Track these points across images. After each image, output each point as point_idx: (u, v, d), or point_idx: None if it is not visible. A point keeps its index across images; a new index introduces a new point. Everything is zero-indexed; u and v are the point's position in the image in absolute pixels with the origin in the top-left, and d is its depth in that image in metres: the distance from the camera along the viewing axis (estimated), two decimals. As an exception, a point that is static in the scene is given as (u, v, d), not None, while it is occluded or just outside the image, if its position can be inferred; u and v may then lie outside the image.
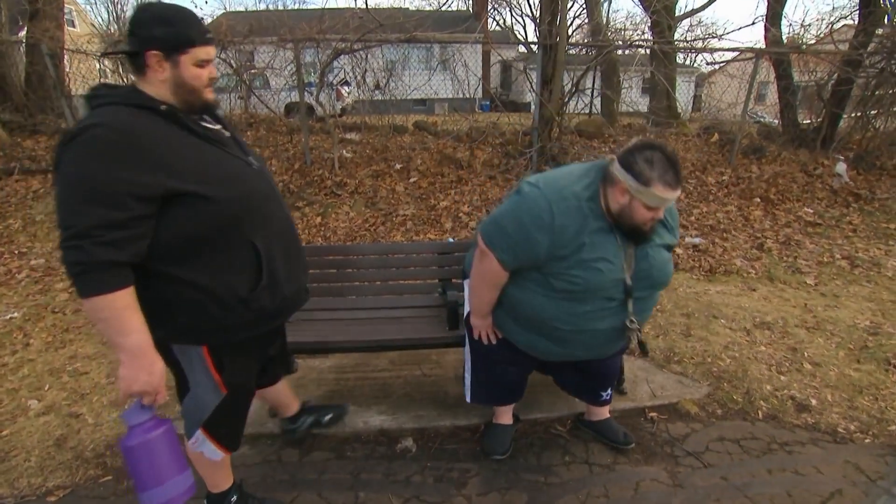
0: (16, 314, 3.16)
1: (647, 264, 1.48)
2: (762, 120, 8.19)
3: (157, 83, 1.17)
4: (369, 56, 5.46)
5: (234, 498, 1.59)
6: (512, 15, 20.08)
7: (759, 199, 5.50)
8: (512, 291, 1.58)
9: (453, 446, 2.05)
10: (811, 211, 5.34)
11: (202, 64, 1.19)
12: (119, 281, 1.07)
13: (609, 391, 1.97)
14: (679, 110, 8.19)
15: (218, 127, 1.29)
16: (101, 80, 5.59)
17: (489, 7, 17.75)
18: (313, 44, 5.18)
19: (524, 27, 19.99)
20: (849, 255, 4.25)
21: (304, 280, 1.46)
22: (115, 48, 4.96)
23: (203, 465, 1.50)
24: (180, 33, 1.15)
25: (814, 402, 2.29)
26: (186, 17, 1.18)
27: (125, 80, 5.67)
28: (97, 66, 5.60)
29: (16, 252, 4.23)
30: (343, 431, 2.13)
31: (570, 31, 6.68)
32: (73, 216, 1.04)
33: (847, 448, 2.02)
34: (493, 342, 1.76)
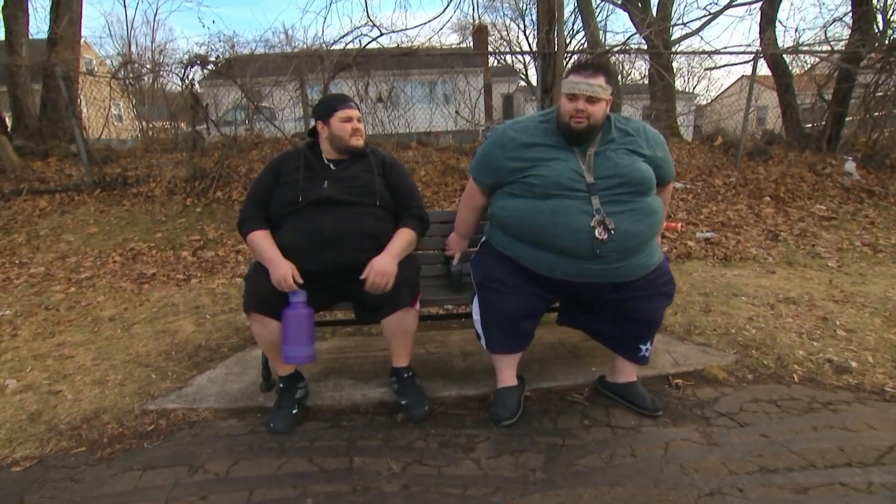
0: (7, 311, 3.06)
1: (611, 163, 1.63)
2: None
3: (323, 140, 1.92)
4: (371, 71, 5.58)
5: (282, 385, 1.90)
6: (512, 54, 20.83)
7: (768, 198, 5.39)
8: (498, 208, 1.77)
9: (460, 412, 1.88)
10: (824, 207, 5.21)
11: (345, 120, 1.86)
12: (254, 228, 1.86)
13: (648, 345, 1.82)
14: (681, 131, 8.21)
15: (332, 167, 1.90)
16: (111, 101, 5.75)
17: (489, 46, 18.53)
18: (317, 60, 5.30)
19: (525, 65, 20.66)
20: (870, 243, 4.08)
21: (331, 262, 1.79)
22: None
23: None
24: (328, 105, 1.90)
25: (854, 364, 2.09)
26: (333, 97, 2.02)
27: (132, 100, 5.85)
28: (108, 90, 5.77)
29: (17, 262, 4.19)
30: (339, 404, 1.96)
31: (567, 41, 6.83)
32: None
33: (899, 405, 1.82)
34: (455, 261, 2.06)
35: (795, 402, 1.85)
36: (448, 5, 8.44)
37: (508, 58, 20.70)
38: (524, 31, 20.37)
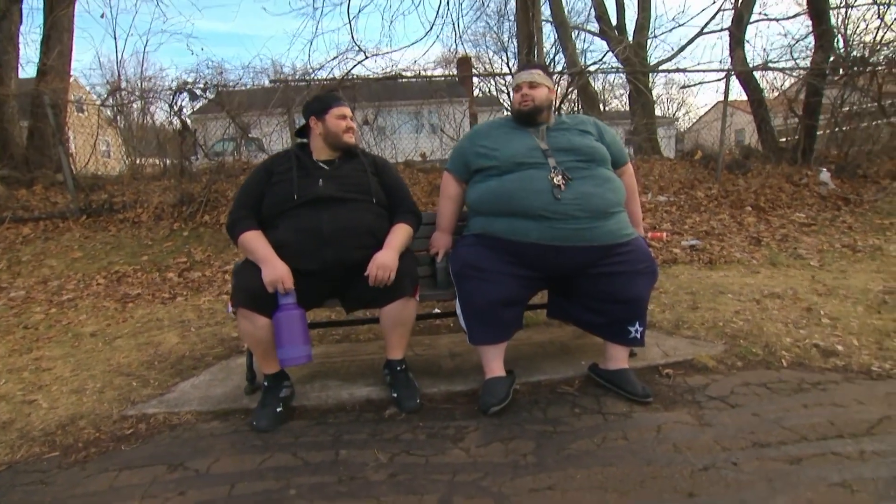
0: (-16, 332, 2.97)
1: (564, 139, 1.86)
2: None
3: (315, 137, 1.95)
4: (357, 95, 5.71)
5: (267, 383, 1.84)
6: (496, 84, 21.51)
7: (750, 208, 5.52)
8: (472, 192, 1.94)
9: (448, 406, 1.84)
10: (803, 215, 5.33)
11: (340, 117, 1.91)
12: (246, 228, 1.81)
13: (638, 326, 1.82)
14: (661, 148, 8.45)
15: (326, 167, 1.91)
16: (100, 129, 5.79)
17: (474, 77, 19.14)
18: (303, 84, 5.42)
19: (508, 94, 21.28)
20: (849, 244, 4.17)
21: (331, 260, 1.78)
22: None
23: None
24: (323, 102, 1.94)
25: (840, 348, 2.10)
26: (328, 95, 2.05)
27: (119, 131, 5.89)
28: (97, 118, 5.82)
29: (-5, 287, 4.10)
30: (326, 403, 1.92)
31: (546, 62, 7.08)
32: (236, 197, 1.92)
33: (886, 383, 1.82)
34: (440, 258, 2.06)
35: (785, 384, 1.85)
36: (431, 29, 8.72)
37: (492, 85, 21.32)
38: (507, 64, 21.10)
